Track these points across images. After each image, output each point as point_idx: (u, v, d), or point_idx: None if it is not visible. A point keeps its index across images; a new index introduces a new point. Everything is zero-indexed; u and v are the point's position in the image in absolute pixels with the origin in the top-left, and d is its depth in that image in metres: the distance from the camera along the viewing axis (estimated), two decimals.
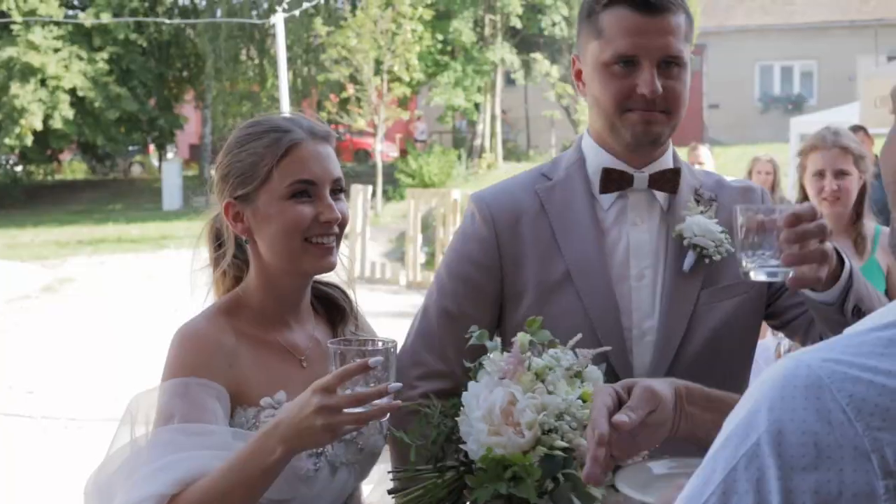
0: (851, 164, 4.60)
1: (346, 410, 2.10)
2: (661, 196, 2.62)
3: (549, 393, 2.18)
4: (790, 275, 2.13)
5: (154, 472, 2.22)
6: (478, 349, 2.49)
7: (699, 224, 2.57)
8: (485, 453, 2.16)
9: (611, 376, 2.42)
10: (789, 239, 2.09)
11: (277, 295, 2.51)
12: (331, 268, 2.51)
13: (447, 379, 2.58)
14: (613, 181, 2.59)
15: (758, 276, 2.15)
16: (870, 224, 4.83)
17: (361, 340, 2.28)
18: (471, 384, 2.28)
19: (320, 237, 2.45)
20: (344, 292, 2.73)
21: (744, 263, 2.16)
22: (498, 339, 2.40)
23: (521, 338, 2.28)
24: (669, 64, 2.51)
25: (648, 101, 2.48)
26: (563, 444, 2.14)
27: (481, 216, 2.66)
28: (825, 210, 4.59)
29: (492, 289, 2.62)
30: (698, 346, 2.55)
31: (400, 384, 2.16)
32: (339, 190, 2.51)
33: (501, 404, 2.17)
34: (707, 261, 2.57)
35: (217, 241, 2.63)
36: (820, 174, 4.63)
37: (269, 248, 2.47)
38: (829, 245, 2.18)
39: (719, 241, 2.56)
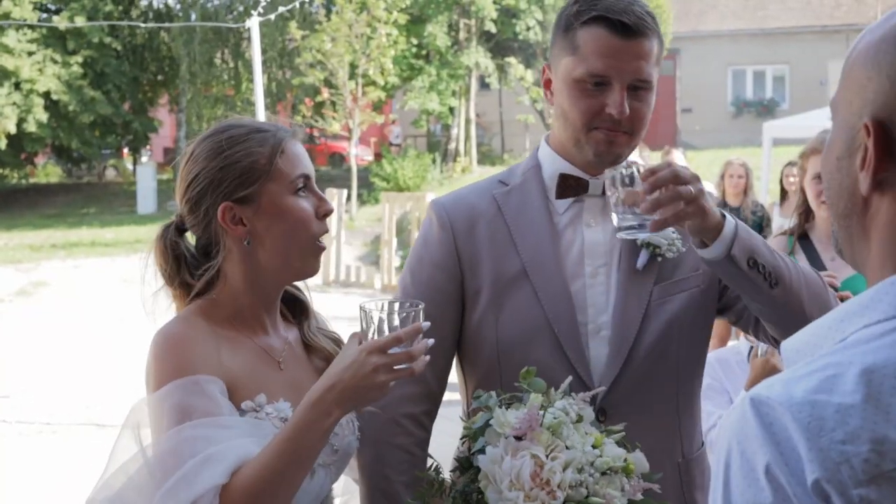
0: None
1: (396, 367, 2.20)
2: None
3: (568, 448, 2.21)
4: (646, 224, 2.33)
5: (198, 466, 2.18)
6: (440, 350, 2.59)
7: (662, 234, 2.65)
8: None
9: (569, 370, 2.55)
10: (646, 190, 2.30)
11: (260, 297, 2.50)
12: (316, 271, 2.55)
13: (417, 384, 2.64)
14: (570, 187, 2.67)
15: (628, 233, 2.38)
16: None
17: (391, 302, 2.31)
18: (488, 449, 2.28)
19: (320, 238, 2.50)
20: (298, 288, 2.72)
21: (616, 223, 2.38)
22: (495, 395, 2.40)
23: (535, 398, 2.31)
24: (638, 88, 2.57)
25: (615, 122, 2.55)
26: (598, 500, 2.18)
27: (439, 220, 2.73)
28: (824, 213, 4.57)
29: (453, 289, 2.69)
30: (652, 340, 2.63)
31: (432, 340, 2.27)
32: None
33: (530, 469, 2.19)
34: (660, 259, 2.66)
35: (175, 259, 2.57)
36: (819, 177, 4.56)
37: (277, 246, 2.46)
38: (688, 189, 2.32)
39: (671, 240, 2.65)
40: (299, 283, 2.70)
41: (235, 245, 2.48)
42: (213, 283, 2.53)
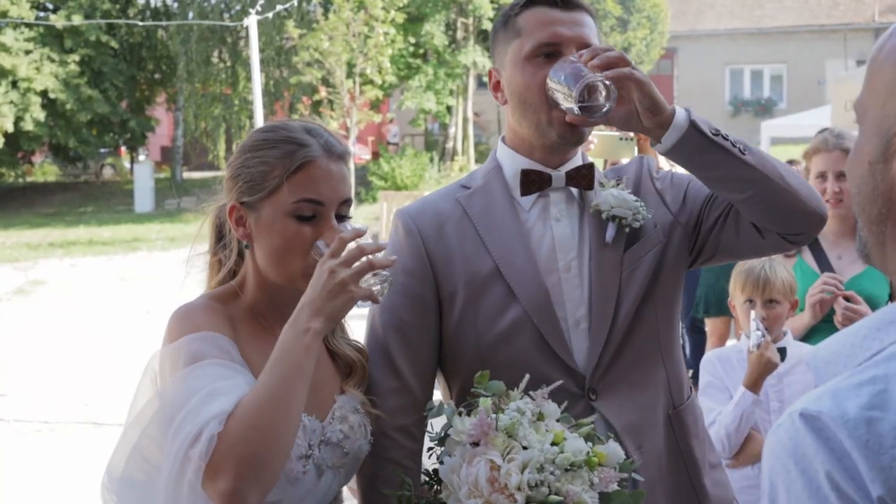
0: None
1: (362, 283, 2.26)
2: (576, 192, 2.73)
3: (525, 448, 2.21)
4: (595, 82, 2.38)
5: (204, 399, 2.21)
6: (422, 358, 2.66)
7: (614, 196, 2.68)
8: None
9: (554, 360, 2.58)
10: (586, 59, 2.43)
11: (271, 298, 2.50)
12: None
13: (402, 395, 2.64)
14: (533, 182, 2.68)
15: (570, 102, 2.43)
16: None
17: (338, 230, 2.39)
18: (446, 459, 2.30)
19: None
20: None
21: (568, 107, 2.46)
22: (451, 405, 2.43)
23: (484, 402, 2.30)
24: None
25: None
26: (557, 497, 2.17)
27: (405, 228, 2.73)
28: (829, 212, 4.56)
29: (429, 294, 2.68)
30: (629, 309, 2.65)
31: (395, 257, 2.39)
32: (346, 212, 2.51)
33: (486, 474, 2.19)
34: (627, 230, 2.68)
35: (219, 232, 2.63)
36: (822, 176, 4.59)
37: (266, 260, 2.45)
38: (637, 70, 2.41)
39: (635, 208, 2.67)
40: None
41: (242, 244, 2.53)
42: (237, 272, 2.57)
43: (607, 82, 2.37)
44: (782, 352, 4.07)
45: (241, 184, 2.45)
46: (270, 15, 22.09)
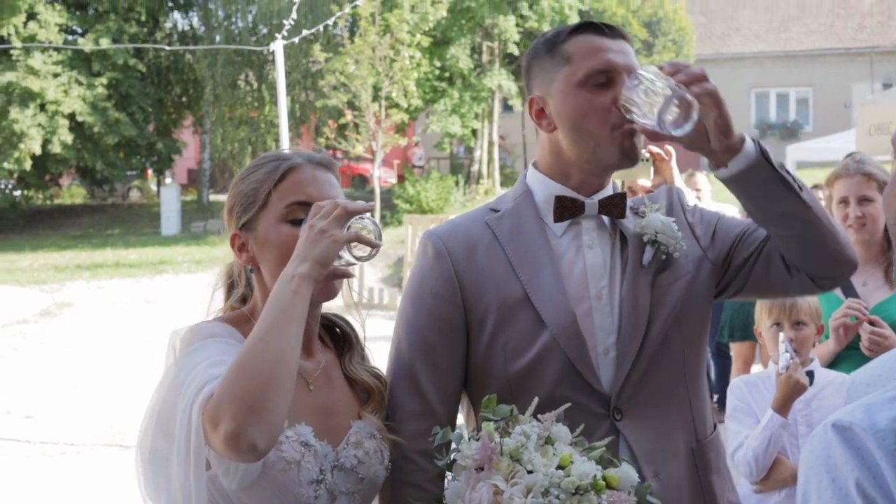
0: (875, 191, 4.50)
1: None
2: (608, 221, 2.75)
3: (529, 472, 2.20)
4: (686, 96, 2.37)
5: (213, 363, 2.27)
6: (448, 382, 2.67)
7: (661, 222, 2.71)
8: None
9: (583, 387, 2.59)
10: (670, 69, 2.44)
11: None
12: (333, 295, 2.54)
13: (426, 418, 2.63)
14: (566, 209, 2.70)
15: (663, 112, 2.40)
16: None
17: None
18: (451, 484, 2.31)
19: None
20: (349, 323, 2.76)
21: (658, 118, 2.41)
22: (461, 431, 2.43)
23: (486, 426, 2.31)
24: None
25: (626, 118, 2.57)
26: None
27: (435, 250, 2.73)
28: (852, 237, 4.50)
29: (457, 318, 2.68)
30: (657, 336, 2.66)
31: (372, 203, 2.43)
32: None
33: (489, 499, 2.19)
34: (664, 257, 2.70)
35: (230, 280, 2.69)
36: (844, 201, 4.56)
37: (271, 272, 2.48)
38: (713, 85, 2.43)
39: (678, 238, 2.70)
40: (349, 318, 2.77)
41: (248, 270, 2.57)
42: (248, 298, 2.61)
43: (691, 98, 2.37)
44: (810, 376, 4.05)
45: (236, 210, 2.53)
46: (297, 39, 22.17)
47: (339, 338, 2.74)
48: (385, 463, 2.57)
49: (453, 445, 2.36)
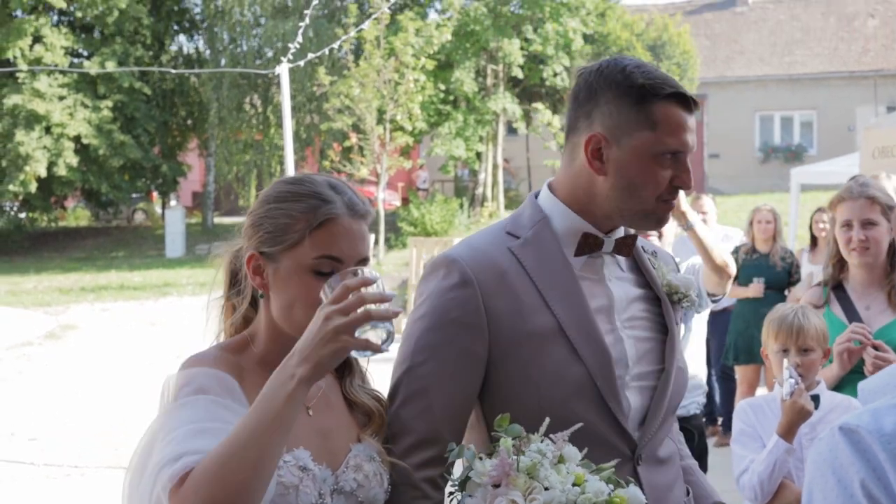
0: (879, 215, 4.50)
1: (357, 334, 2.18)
2: (621, 259, 2.81)
3: (546, 489, 2.22)
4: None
5: (193, 431, 2.22)
6: (460, 412, 2.64)
7: (683, 281, 2.85)
8: None
9: (612, 422, 2.61)
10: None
11: (283, 349, 2.41)
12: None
13: (436, 445, 2.58)
14: (589, 245, 2.71)
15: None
16: None
17: (351, 270, 2.32)
18: (467, 501, 2.31)
19: None
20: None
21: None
22: (472, 448, 2.43)
23: (505, 443, 2.31)
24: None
25: (676, 194, 2.68)
26: None
27: (462, 277, 2.64)
28: (855, 261, 4.57)
29: (479, 348, 2.62)
30: (676, 385, 2.79)
31: (394, 293, 2.29)
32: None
33: None
34: (682, 310, 2.86)
35: (233, 277, 2.64)
36: (848, 225, 4.56)
37: (280, 311, 2.46)
38: None
39: (694, 299, 2.87)
40: None
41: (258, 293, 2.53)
42: (251, 320, 2.58)
43: None
44: (815, 400, 4.05)
45: (262, 233, 2.46)
46: (302, 63, 22.24)
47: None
48: (385, 486, 2.54)
49: (467, 463, 2.36)
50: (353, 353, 2.25)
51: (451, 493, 2.42)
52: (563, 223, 2.73)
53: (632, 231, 2.80)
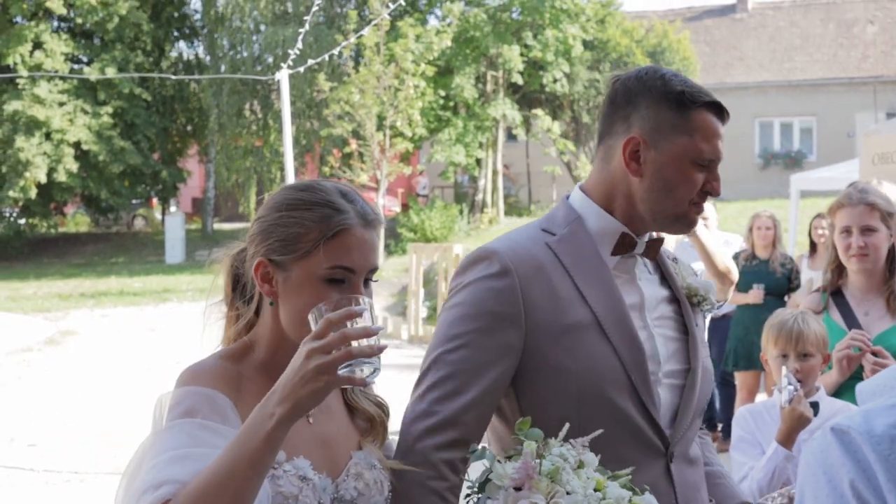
0: (879, 221, 4.52)
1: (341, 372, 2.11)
2: (647, 261, 2.91)
3: (568, 493, 2.23)
4: None
5: (176, 458, 2.20)
6: (490, 403, 2.66)
7: (703, 284, 2.95)
8: None
9: (645, 417, 2.69)
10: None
11: (288, 354, 2.39)
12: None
13: (457, 428, 2.59)
14: (624, 245, 2.79)
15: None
16: None
17: (339, 299, 2.23)
18: (486, 502, 2.30)
19: None
20: None
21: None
22: (486, 448, 2.42)
23: (529, 445, 2.31)
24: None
25: (705, 199, 2.78)
26: None
27: (502, 267, 2.68)
28: (854, 267, 4.58)
29: (514, 339, 2.65)
30: (704, 388, 2.87)
31: (382, 327, 2.20)
32: (372, 276, 2.49)
33: None
34: (704, 315, 2.97)
35: (236, 281, 2.60)
36: (847, 231, 4.57)
37: (290, 320, 2.43)
38: None
39: (713, 302, 2.96)
40: None
41: (265, 299, 2.49)
42: (253, 325, 2.55)
43: None
44: (815, 406, 4.05)
45: (272, 241, 2.43)
46: (302, 69, 22.23)
47: None
48: (385, 494, 2.53)
49: (486, 465, 2.36)
50: (347, 384, 2.20)
51: (468, 495, 2.40)
52: (597, 223, 2.80)
53: (661, 235, 2.91)
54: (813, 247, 11.23)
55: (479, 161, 35.67)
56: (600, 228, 2.79)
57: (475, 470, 2.45)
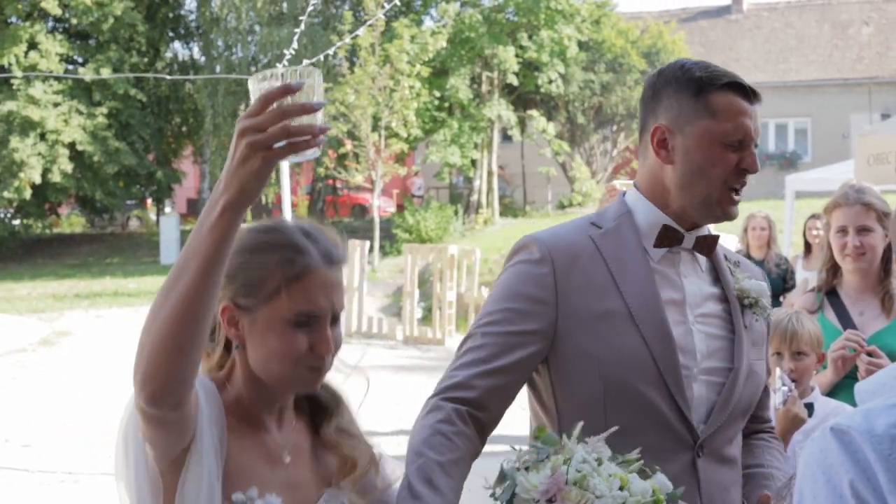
0: (874, 221, 4.54)
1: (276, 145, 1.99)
2: (701, 259, 2.91)
3: (598, 497, 2.24)
4: None
5: None
6: (497, 377, 2.70)
7: (756, 287, 2.92)
8: None
9: (674, 408, 2.71)
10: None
11: (260, 398, 2.46)
12: (315, 390, 2.48)
13: (471, 391, 2.68)
14: (667, 237, 2.82)
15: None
16: None
17: (283, 73, 2.07)
18: None
19: (313, 367, 2.41)
20: (332, 390, 2.64)
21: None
22: (512, 467, 2.39)
23: (555, 460, 2.31)
24: (754, 145, 2.78)
25: (743, 181, 2.76)
26: None
27: (540, 254, 2.78)
28: (849, 266, 4.60)
29: (545, 326, 2.73)
30: (748, 394, 2.86)
31: (325, 101, 2.08)
32: (337, 317, 2.45)
33: None
34: (755, 320, 2.93)
35: None
36: (843, 231, 4.59)
37: (259, 363, 2.40)
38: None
39: (766, 306, 2.94)
40: (331, 384, 2.62)
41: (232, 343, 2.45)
42: (224, 362, 2.51)
43: None
44: (809, 408, 4.05)
45: (237, 285, 2.39)
46: (298, 69, 22.30)
47: (316, 407, 2.63)
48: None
49: (507, 478, 2.36)
50: (291, 160, 2.07)
51: None
52: (646, 217, 2.85)
53: (714, 232, 2.92)
54: (808, 247, 11.24)
55: (474, 162, 35.68)
56: (648, 222, 2.84)
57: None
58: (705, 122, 2.74)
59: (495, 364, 2.69)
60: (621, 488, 2.27)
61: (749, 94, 2.76)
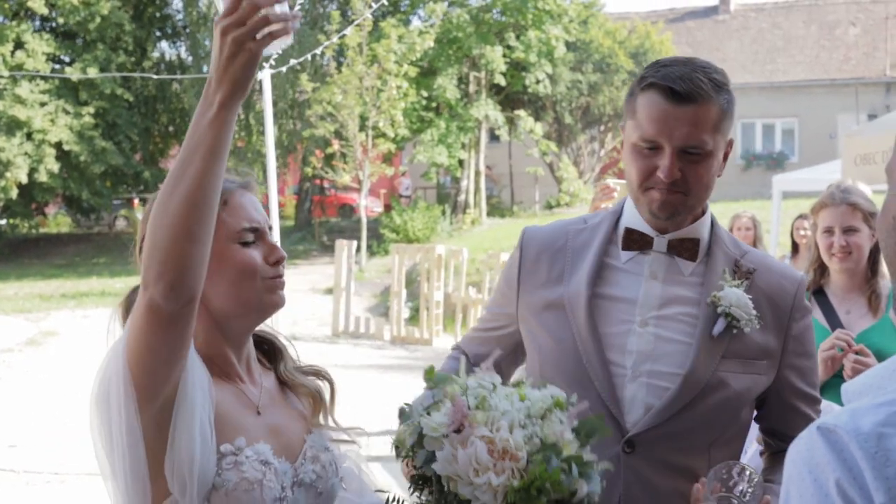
0: (861, 221, 4.57)
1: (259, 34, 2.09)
2: (685, 262, 2.80)
3: (503, 413, 2.25)
4: None
5: None
6: (481, 345, 3.08)
7: (736, 296, 2.73)
8: (506, 493, 2.18)
9: (600, 406, 2.67)
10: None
11: (229, 342, 2.53)
12: (283, 303, 2.54)
13: (466, 351, 3.09)
14: (634, 241, 2.81)
15: None
16: (885, 282, 4.72)
17: None
18: (437, 454, 2.26)
19: (274, 276, 2.51)
20: (272, 335, 2.76)
21: None
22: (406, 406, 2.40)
23: (452, 389, 2.32)
24: (690, 153, 2.65)
25: (662, 184, 2.66)
26: (552, 439, 2.22)
27: (519, 244, 3.01)
28: (836, 266, 4.62)
29: (510, 306, 2.99)
30: (708, 406, 2.71)
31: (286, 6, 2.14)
32: (271, 230, 2.60)
33: (485, 448, 2.20)
34: (735, 331, 2.73)
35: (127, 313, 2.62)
36: (829, 231, 4.61)
37: (227, 297, 2.47)
38: None
39: (750, 316, 2.73)
40: (269, 329, 2.74)
41: None
42: None
43: None
44: None
45: None
46: (284, 69, 22.21)
47: (270, 352, 2.74)
48: (339, 475, 2.60)
49: (409, 427, 2.34)
50: (268, 51, 2.17)
51: (404, 458, 2.36)
52: (627, 219, 2.86)
53: (692, 235, 2.80)
54: (795, 247, 11.24)
55: (461, 162, 35.69)
56: (626, 224, 2.84)
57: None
58: (629, 122, 2.74)
59: (480, 334, 3.13)
60: (522, 400, 2.30)
61: (681, 95, 2.61)
